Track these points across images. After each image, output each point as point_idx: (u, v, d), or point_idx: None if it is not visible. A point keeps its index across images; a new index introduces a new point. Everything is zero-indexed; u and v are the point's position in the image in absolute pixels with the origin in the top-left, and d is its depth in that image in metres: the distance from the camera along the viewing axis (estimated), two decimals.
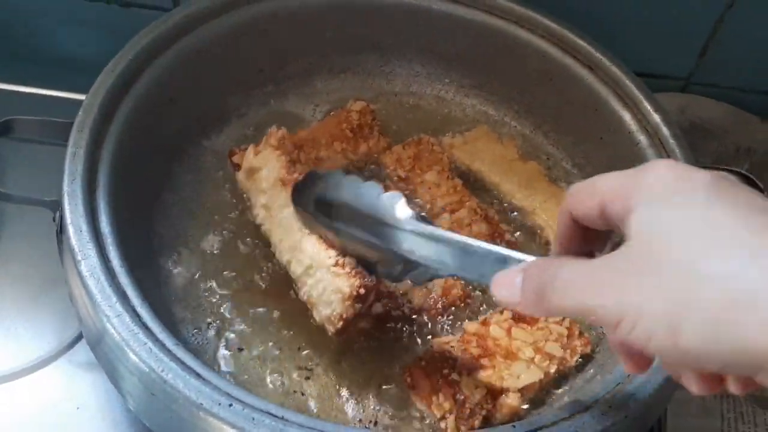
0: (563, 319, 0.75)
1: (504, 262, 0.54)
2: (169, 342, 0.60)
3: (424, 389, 0.70)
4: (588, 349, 0.74)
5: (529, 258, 0.53)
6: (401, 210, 0.63)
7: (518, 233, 0.85)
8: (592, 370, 0.73)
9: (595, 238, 0.51)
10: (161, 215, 0.80)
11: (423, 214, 0.64)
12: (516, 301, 0.50)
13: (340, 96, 0.94)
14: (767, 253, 0.38)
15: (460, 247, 0.58)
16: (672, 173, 0.43)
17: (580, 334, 0.75)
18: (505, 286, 0.51)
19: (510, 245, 0.81)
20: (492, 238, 0.80)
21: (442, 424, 0.68)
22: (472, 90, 0.96)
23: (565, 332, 0.74)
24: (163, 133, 0.81)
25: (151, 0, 0.98)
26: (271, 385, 0.71)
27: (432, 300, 0.77)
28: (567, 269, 0.46)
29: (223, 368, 0.71)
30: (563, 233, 0.52)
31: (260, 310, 0.75)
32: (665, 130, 0.81)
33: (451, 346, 0.72)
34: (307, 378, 0.72)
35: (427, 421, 0.70)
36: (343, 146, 0.87)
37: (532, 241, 0.85)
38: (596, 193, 0.47)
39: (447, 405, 0.68)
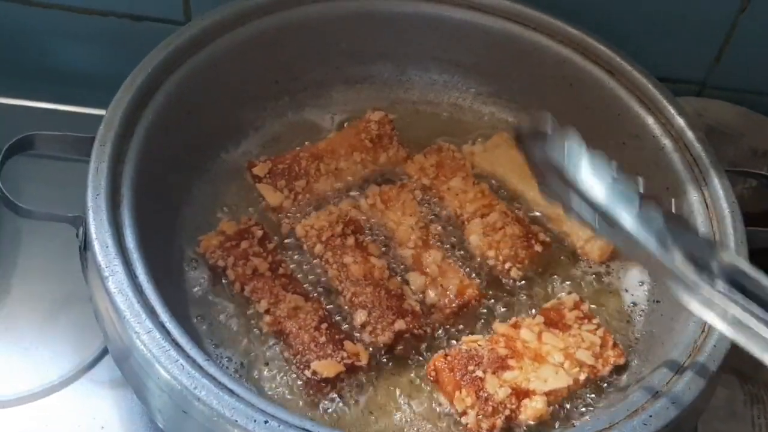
0: (597, 328, 0.74)
1: None
2: (200, 358, 0.59)
3: (447, 383, 0.69)
4: (621, 360, 0.73)
5: None
6: None
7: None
8: (625, 378, 0.73)
9: None
10: (182, 228, 0.79)
11: None
12: None
13: (357, 106, 0.93)
14: None
15: None
16: None
17: (614, 344, 0.74)
18: None
19: (544, 246, 0.80)
20: (526, 240, 0.80)
21: (464, 419, 0.68)
22: (490, 97, 0.95)
23: (599, 341, 0.73)
24: (181, 146, 0.80)
25: (163, 14, 0.97)
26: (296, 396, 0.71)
27: (447, 300, 0.76)
28: None
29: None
30: None
31: None
32: (690, 134, 0.80)
33: (479, 345, 0.71)
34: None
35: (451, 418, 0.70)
36: (362, 156, 0.86)
37: (561, 248, 0.83)
38: None
39: (469, 400, 0.68)
